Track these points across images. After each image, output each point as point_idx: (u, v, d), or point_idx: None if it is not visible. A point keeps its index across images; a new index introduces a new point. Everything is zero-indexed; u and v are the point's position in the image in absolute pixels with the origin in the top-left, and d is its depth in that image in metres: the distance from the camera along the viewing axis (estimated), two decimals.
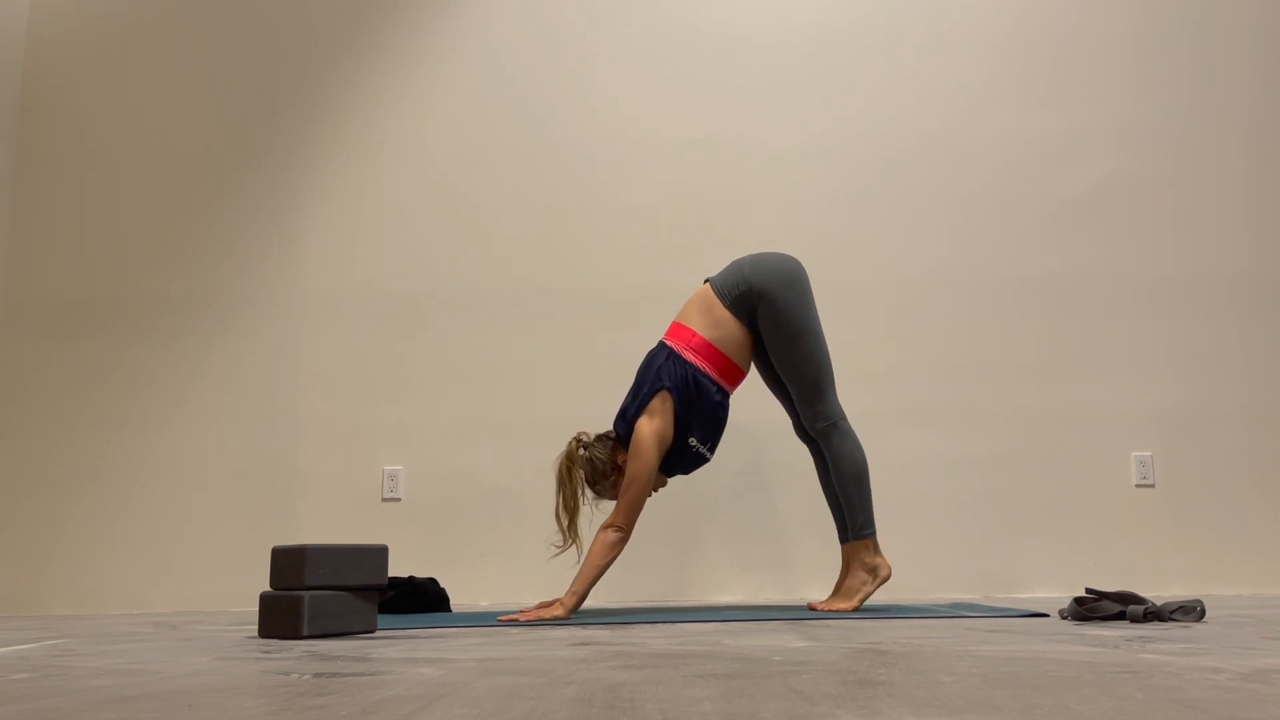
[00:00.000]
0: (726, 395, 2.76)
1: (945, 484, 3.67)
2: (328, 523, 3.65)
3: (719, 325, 2.74)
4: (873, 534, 2.76)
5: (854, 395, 3.72)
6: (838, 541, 2.94)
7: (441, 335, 3.77)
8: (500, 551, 3.62)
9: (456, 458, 3.69)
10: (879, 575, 2.75)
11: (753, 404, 3.21)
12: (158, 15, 3.99)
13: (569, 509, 2.71)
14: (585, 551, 2.68)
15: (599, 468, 2.74)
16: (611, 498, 2.80)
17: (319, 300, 3.80)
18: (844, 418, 2.80)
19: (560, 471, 2.74)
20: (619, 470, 2.75)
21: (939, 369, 3.74)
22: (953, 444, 3.69)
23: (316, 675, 1.33)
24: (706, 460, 2.80)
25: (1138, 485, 3.67)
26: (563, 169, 3.88)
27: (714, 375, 2.72)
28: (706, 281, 2.87)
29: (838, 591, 2.78)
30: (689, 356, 2.72)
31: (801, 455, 2.96)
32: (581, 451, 2.76)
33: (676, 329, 2.79)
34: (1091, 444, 3.70)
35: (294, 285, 3.82)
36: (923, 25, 3.96)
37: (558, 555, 2.79)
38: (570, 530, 2.70)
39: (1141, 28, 3.96)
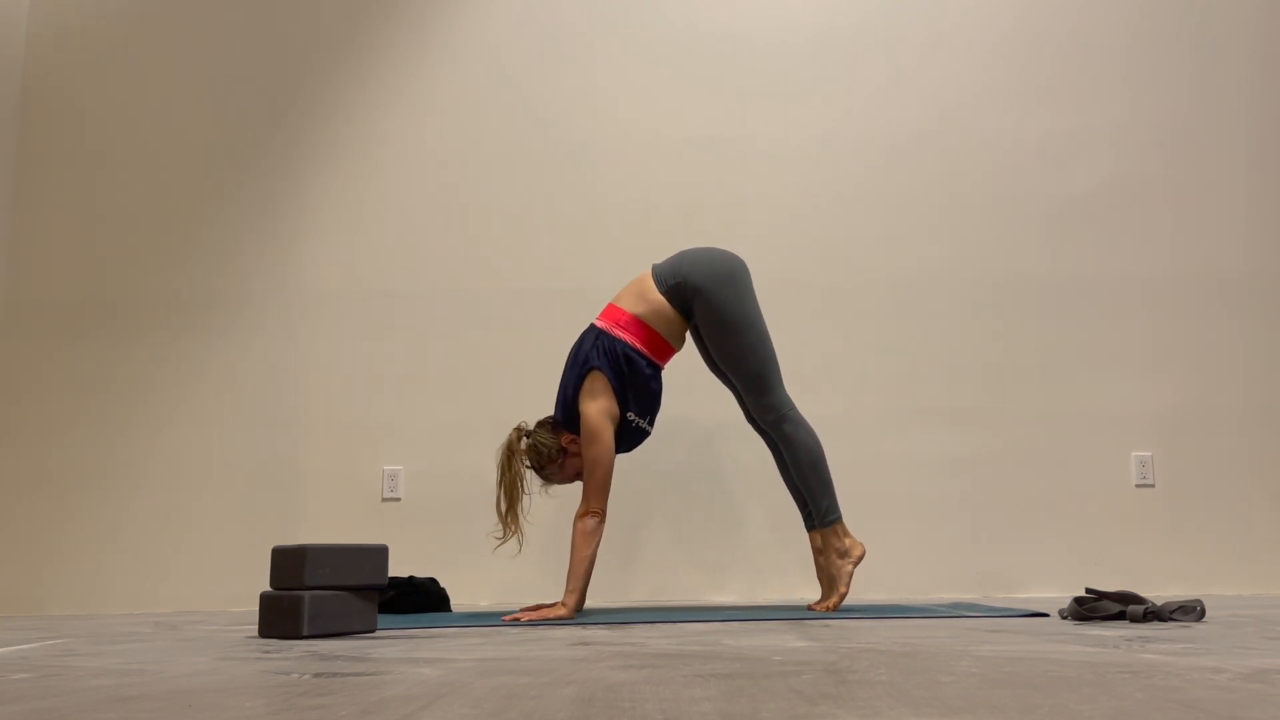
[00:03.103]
0: (659, 369, 2.81)
1: (945, 484, 3.67)
2: (328, 523, 3.65)
3: (649, 304, 2.79)
4: (838, 518, 2.80)
5: (854, 395, 3.73)
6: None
7: (442, 335, 3.78)
8: (500, 551, 3.62)
9: (456, 458, 3.69)
10: (853, 555, 2.78)
11: None
12: (157, 15, 3.99)
13: (510, 497, 2.74)
14: (524, 538, 2.76)
15: (545, 453, 2.78)
16: (560, 481, 2.85)
17: (319, 300, 3.80)
18: (793, 408, 2.82)
19: (501, 461, 2.77)
20: (565, 453, 2.79)
21: (939, 369, 3.75)
22: (953, 444, 3.69)
23: (316, 675, 1.33)
24: (647, 434, 2.84)
25: (1138, 485, 3.67)
26: (563, 169, 3.88)
27: (643, 349, 2.76)
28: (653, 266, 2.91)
29: (823, 583, 2.80)
30: (617, 333, 2.76)
31: None
32: (524, 441, 2.80)
33: (608, 309, 2.84)
34: (1091, 444, 3.70)
35: (294, 285, 3.82)
36: (923, 25, 3.96)
37: (499, 547, 2.84)
38: (510, 518, 2.72)
39: (1141, 28, 3.96)
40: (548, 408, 3.73)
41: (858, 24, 3.96)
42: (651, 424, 2.84)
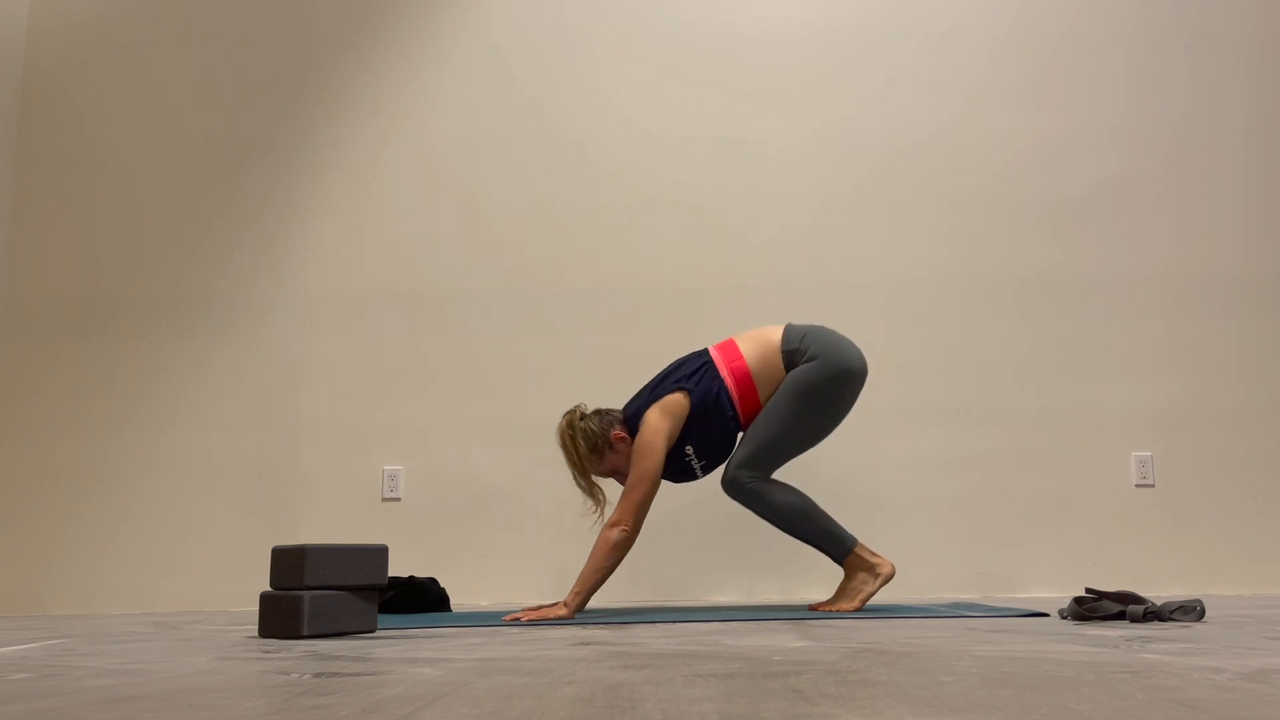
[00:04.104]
0: (739, 425, 2.77)
1: (945, 484, 3.67)
2: (328, 523, 3.65)
3: (765, 362, 2.77)
4: (854, 544, 2.76)
5: None
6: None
7: (442, 335, 3.78)
8: (500, 551, 3.62)
9: (456, 458, 3.69)
10: (880, 573, 2.75)
11: None
12: (158, 14, 3.99)
13: (584, 471, 2.76)
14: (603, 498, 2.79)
15: (589, 440, 2.76)
16: (599, 473, 2.83)
17: (320, 300, 3.80)
18: (766, 480, 2.75)
19: (563, 439, 2.77)
20: (610, 447, 2.77)
21: (939, 369, 3.75)
22: (953, 444, 3.69)
23: (316, 675, 1.33)
24: (695, 477, 2.82)
25: (1138, 485, 3.67)
26: (563, 169, 3.88)
27: (736, 400, 2.74)
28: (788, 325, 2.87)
29: (840, 593, 2.78)
30: (724, 373, 2.74)
31: (806, 455, 2.95)
32: (579, 421, 2.78)
33: (728, 344, 2.82)
34: (1091, 444, 3.70)
35: (295, 285, 3.82)
36: (922, 25, 3.96)
37: (595, 515, 2.81)
38: (592, 488, 2.76)
39: (1139, 28, 3.96)
40: (548, 407, 3.74)
41: (857, 23, 3.97)
42: (705, 471, 2.81)
